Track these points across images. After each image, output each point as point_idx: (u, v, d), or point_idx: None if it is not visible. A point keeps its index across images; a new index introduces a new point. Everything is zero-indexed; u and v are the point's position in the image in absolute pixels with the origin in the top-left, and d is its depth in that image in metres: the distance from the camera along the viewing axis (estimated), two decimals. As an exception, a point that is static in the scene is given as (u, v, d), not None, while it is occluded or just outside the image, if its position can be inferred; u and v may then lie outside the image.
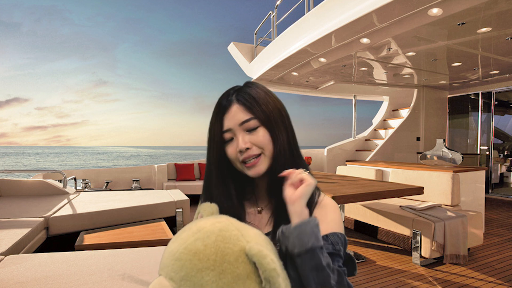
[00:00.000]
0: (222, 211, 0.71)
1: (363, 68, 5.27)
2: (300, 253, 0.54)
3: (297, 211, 0.60)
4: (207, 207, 0.61)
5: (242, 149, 0.68)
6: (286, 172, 0.65)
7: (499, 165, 6.86)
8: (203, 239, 0.48)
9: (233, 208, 0.73)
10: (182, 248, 0.48)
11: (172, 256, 0.49)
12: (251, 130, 0.69)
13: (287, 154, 0.71)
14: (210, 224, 0.52)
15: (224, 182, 0.73)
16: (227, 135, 0.70)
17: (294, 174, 0.64)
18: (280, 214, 0.70)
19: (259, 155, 0.69)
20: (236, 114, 0.70)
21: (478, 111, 6.70)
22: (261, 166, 0.69)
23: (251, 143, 0.68)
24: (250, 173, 0.70)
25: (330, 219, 0.71)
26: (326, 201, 0.74)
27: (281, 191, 0.70)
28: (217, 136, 0.71)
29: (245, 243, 0.48)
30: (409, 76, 5.75)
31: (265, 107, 0.71)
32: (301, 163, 0.74)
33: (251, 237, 0.50)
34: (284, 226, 0.59)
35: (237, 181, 0.76)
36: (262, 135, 0.69)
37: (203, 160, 6.37)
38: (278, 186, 0.70)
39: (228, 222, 0.52)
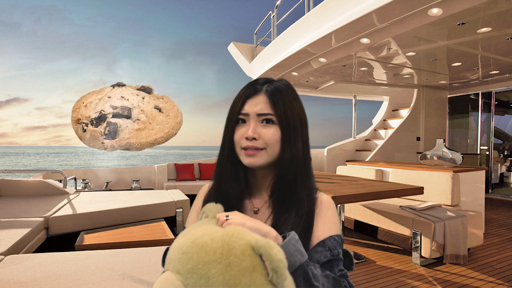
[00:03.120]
0: (227, 191, 0.73)
1: (363, 68, 5.27)
2: (291, 272, 0.54)
3: (265, 233, 0.56)
4: (213, 208, 0.61)
5: (249, 137, 0.68)
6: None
7: (499, 165, 6.86)
8: (210, 234, 0.50)
9: (238, 189, 0.73)
10: (189, 242, 0.50)
11: (180, 250, 0.50)
12: (265, 123, 0.70)
13: (301, 162, 0.72)
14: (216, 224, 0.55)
15: (233, 162, 0.73)
16: (241, 116, 0.71)
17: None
18: (278, 221, 0.70)
19: (262, 149, 0.69)
20: (259, 104, 0.70)
21: (478, 111, 6.70)
22: (259, 159, 0.69)
23: (259, 135, 0.69)
24: (245, 160, 0.70)
25: (329, 220, 0.71)
26: (322, 198, 0.75)
27: (283, 196, 0.71)
28: (235, 115, 0.71)
29: (251, 237, 0.49)
30: (409, 76, 5.75)
31: (289, 110, 0.71)
32: (311, 173, 0.75)
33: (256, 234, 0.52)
34: None
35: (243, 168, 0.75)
36: (272, 133, 0.69)
37: (203, 160, 6.37)
38: (282, 190, 0.71)
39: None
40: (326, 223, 0.70)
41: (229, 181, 0.73)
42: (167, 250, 0.57)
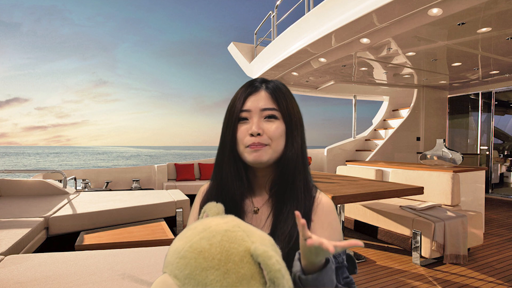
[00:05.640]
0: (230, 190, 0.71)
1: (363, 68, 5.27)
2: None
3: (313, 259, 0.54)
4: (213, 207, 0.60)
5: (254, 132, 0.67)
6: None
7: (499, 165, 6.85)
8: (208, 238, 0.49)
9: (242, 188, 0.72)
10: (187, 247, 0.49)
11: (177, 254, 0.49)
12: (268, 119, 0.69)
13: (300, 160, 0.71)
14: (215, 224, 0.52)
15: (235, 161, 0.72)
16: (243, 114, 0.70)
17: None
18: (278, 218, 0.69)
19: (266, 145, 0.68)
20: (262, 99, 0.70)
21: (478, 111, 6.70)
22: (263, 154, 0.68)
23: (263, 130, 0.68)
24: (250, 157, 0.68)
25: (331, 226, 0.70)
26: (322, 199, 0.73)
27: (283, 191, 0.70)
28: (236, 113, 0.70)
29: (250, 244, 0.49)
30: (409, 76, 5.74)
31: (290, 106, 0.71)
32: (308, 172, 0.74)
33: (256, 238, 0.51)
34: (299, 272, 0.56)
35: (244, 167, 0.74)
36: (276, 127, 0.69)
37: (203, 160, 6.37)
38: (281, 185, 0.71)
39: (234, 223, 0.53)
40: (329, 230, 0.70)
41: (232, 181, 0.72)
42: None
